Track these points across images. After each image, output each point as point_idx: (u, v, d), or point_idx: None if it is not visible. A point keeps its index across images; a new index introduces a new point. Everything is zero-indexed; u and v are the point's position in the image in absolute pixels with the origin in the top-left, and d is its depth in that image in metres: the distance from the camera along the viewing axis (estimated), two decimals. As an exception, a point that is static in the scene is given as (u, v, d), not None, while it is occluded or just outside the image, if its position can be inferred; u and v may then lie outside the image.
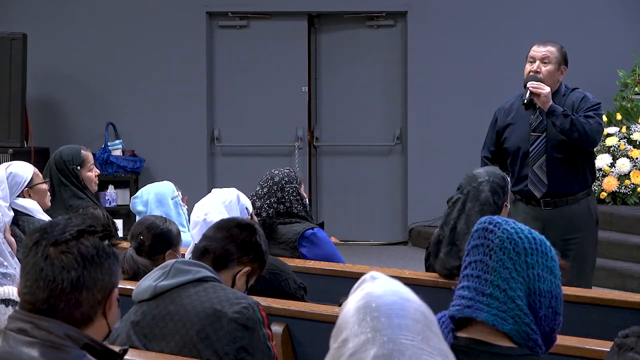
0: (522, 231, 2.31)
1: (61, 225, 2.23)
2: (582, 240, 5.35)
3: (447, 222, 4.53)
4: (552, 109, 5.31)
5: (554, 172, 5.38)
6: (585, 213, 5.41)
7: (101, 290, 2.22)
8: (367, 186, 10.70)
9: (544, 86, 5.33)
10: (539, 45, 5.50)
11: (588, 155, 5.46)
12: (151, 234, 4.26)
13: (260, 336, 3.24)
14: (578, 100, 5.41)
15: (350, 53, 10.73)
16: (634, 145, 9.17)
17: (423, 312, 1.78)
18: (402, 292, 1.80)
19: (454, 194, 4.56)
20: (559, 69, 5.44)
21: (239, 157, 10.73)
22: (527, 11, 10.39)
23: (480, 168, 4.67)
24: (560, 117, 5.28)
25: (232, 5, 10.61)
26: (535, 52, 5.47)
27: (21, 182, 5.03)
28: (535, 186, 5.40)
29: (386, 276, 1.83)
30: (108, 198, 9.98)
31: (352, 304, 1.78)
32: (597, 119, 5.34)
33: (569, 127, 5.26)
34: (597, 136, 5.35)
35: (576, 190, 5.41)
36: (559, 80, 5.46)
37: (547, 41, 5.55)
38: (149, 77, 10.52)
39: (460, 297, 2.31)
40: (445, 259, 4.45)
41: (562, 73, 5.47)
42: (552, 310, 2.28)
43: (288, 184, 5.01)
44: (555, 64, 5.43)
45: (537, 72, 5.41)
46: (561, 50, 5.48)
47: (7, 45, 9.61)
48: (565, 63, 5.48)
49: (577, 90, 5.49)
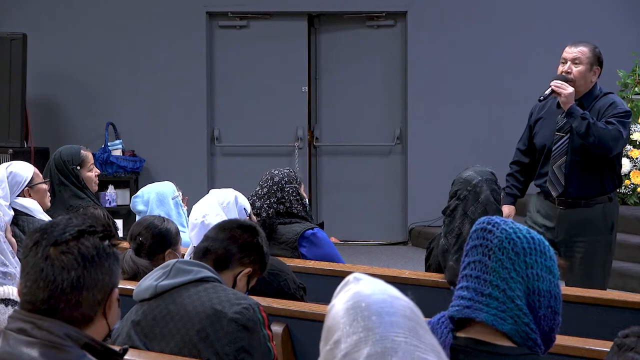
0: (521, 231, 2.32)
1: (61, 225, 2.23)
2: (591, 243, 5.32)
3: (450, 231, 4.48)
4: (571, 111, 5.26)
5: (572, 174, 5.35)
6: (597, 217, 5.36)
7: (101, 290, 2.22)
8: (367, 186, 10.70)
9: (567, 86, 5.28)
10: (571, 46, 5.42)
11: (610, 162, 5.37)
12: (150, 234, 4.26)
13: (261, 337, 3.25)
14: (606, 105, 5.34)
15: (350, 53, 10.73)
16: (634, 145, 9.17)
17: (412, 309, 1.79)
18: (390, 290, 1.80)
19: (450, 203, 4.50)
20: (592, 69, 5.37)
21: (239, 157, 10.74)
22: (528, 11, 10.39)
23: (466, 170, 4.61)
24: (578, 120, 5.23)
25: (232, 5, 10.61)
26: (567, 53, 5.40)
27: (21, 181, 5.03)
28: (552, 185, 5.40)
29: (369, 276, 1.83)
30: (108, 198, 9.97)
31: (340, 305, 1.78)
32: (617, 127, 5.23)
33: (585, 130, 5.20)
34: (613, 143, 5.23)
35: (591, 195, 5.35)
36: (592, 81, 5.39)
37: (579, 42, 5.46)
38: (149, 77, 10.52)
39: (459, 297, 2.32)
40: (456, 266, 4.41)
41: (595, 74, 5.39)
42: (552, 310, 2.28)
43: (288, 184, 5.01)
44: (587, 65, 5.35)
45: (568, 72, 5.36)
46: (594, 51, 5.40)
47: (7, 45, 9.61)
48: (598, 63, 5.39)
49: (609, 95, 5.42)
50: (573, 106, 5.27)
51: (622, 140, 5.31)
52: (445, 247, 4.48)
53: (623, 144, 5.36)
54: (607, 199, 5.40)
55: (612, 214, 5.44)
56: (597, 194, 5.37)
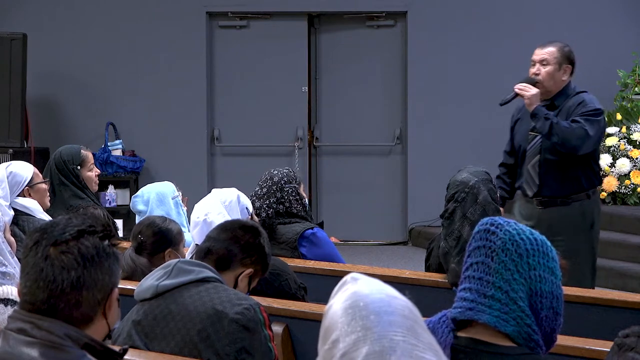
0: (524, 232, 2.31)
1: (61, 225, 2.23)
2: (572, 241, 5.32)
3: (450, 234, 4.47)
4: (535, 112, 5.32)
5: (546, 173, 5.39)
6: (575, 215, 5.37)
7: (101, 290, 2.22)
8: (367, 186, 10.70)
9: (531, 88, 5.34)
10: (539, 47, 5.51)
11: (586, 159, 5.39)
12: (150, 232, 4.27)
13: (262, 337, 3.25)
14: (575, 104, 5.37)
15: (350, 53, 10.73)
16: (634, 145, 9.17)
17: (410, 308, 1.79)
18: (387, 290, 1.80)
19: (448, 206, 4.50)
20: (561, 69, 5.41)
21: (239, 157, 10.73)
22: (528, 11, 10.39)
23: (460, 172, 4.62)
24: (541, 120, 5.28)
25: (232, 5, 10.61)
26: (535, 55, 5.48)
27: (21, 181, 5.03)
28: (528, 185, 5.45)
29: (367, 276, 1.83)
30: (108, 198, 9.97)
31: (339, 305, 1.78)
32: (582, 125, 5.24)
33: (548, 130, 5.26)
34: (578, 142, 5.24)
35: (567, 193, 5.38)
36: (563, 80, 5.43)
37: (548, 42, 5.53)
38: (149, 77, 10.52)
39: (461, 298, 2.31)
40: (458, 269, 4.40)
41: (566, 72, 5.43)
42: (553, 311, 2.28)
43: (287, 184, 5.01)
44: (555, 65, 5.41)
45: (536, 74, 5.42)
46: (562, 50, 5.45)
47: (7, 45, 9.61)
48: (568, 62, 5.43)
49: (582, 93, 5.44)
50: (537, 107, 5.32)
51: (591, 139, 5.28)
52: (446, 250, 4.48)
53: (593, 141, 5.32)
54: (585, 196, 5.39)
55: (592, 212, 5.43)
56: (573, 191, 5.37)
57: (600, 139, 5.44)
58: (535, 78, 5.41)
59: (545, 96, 5.44)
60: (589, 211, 5.42)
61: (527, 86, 5.37)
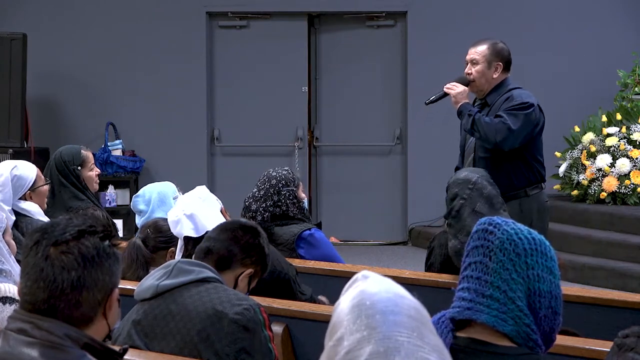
0: (522, 232, 2.31)
1: (61, 225, 2.23)
2: None
3: (460, 230, 4.44)
4: (460, 109, 5.37)
5: None
6: (514, 213, 5.17)
7: (101, 290, 2.22)
8: (367, 186, 10.70)
9: (458, 86, 5.38)
10: (471, 46, 5.47)
11: (518, 155, 5.29)
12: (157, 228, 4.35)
13: (261, 338, 3.25)
14: (503, 100, 5.33)
15: (350, 53, 10.73)
16: (634, 145, 9.16)
17: (417, 308, 1.78)
18: (396, 289, 1.80)
19: (454, 204, 4.49)
20: (491, 66, 5.37)
21: (239, 157, 10.74)
22: (528, 11, 10.39)
23: (458, 173, 4.63)
24: (465, 117, 5.32)
25: (232, 5, 10.61)
26: (467, 55, 5.47)
27: (24, 184, 5.02)
28: None
29: (378, 275, 1.83)
30: (108, 198, 9.97)
31: (346, 303, 1.78)
32: (503, 119, 5.18)
33: (470, 126, 5.28)
34: (498, 136, 5.17)
35: (502, 191, 5.23)
36: (494, 77, 5.38)
37: (480, 41, 5.48)
38: (149, 77, 10.52)
39: (460, 298, 2.31)
40: None
41: (497, 70, 5.37)
42: (552, 311, 2.28)
43: (285, 187, 4.97)
44: (485, 63, 5.37)
45: (469, 74, 5.42)
46: (493, 47, 5.39)
47: (7, 45, 9.61)
48: (499, 59, 5.37)
49: (513, 90, 5.36)
50: (462, 105, 5.36)
51: (514, 133, 5.19)
52: (457, 247, 4.44)
53: (518, 136, 5.22)
54: (523, 193, 5.31)
55: (530, 209, 5.31)
56: (508, 189, 5.20)
57: (530, 133, 5.28)
58: (468, 77, 5.42)
59: (480, 95, 5.46)
60: (527, 209, 5.30)
61: (454, 84, 5.40)
